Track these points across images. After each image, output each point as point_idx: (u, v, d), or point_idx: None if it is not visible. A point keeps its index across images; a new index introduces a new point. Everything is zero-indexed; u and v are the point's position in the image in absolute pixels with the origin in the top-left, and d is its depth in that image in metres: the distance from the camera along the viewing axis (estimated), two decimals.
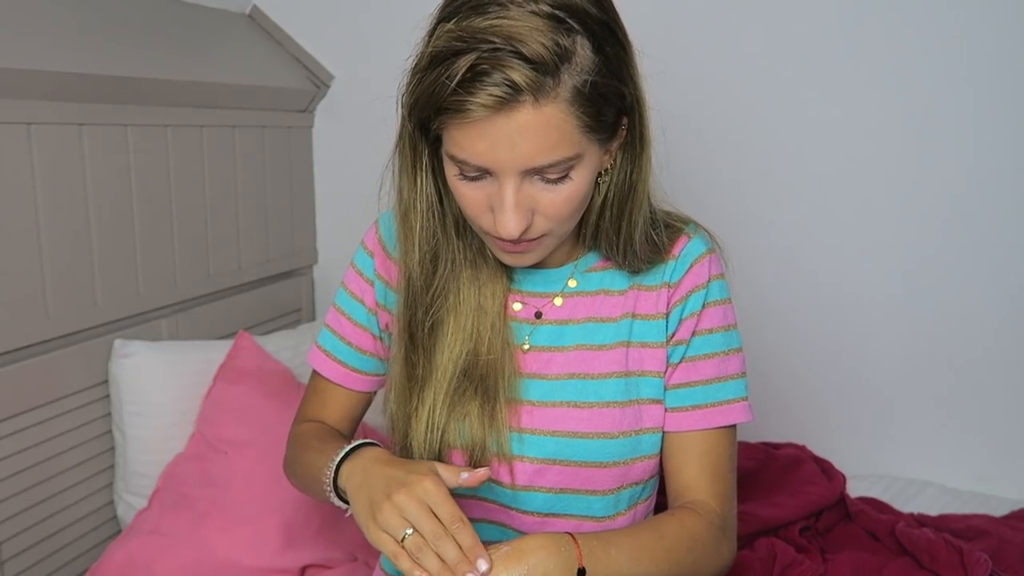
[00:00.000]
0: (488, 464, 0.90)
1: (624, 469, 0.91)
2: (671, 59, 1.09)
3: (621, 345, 0.92)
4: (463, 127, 0.75)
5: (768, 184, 1.71)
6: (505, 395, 0.90)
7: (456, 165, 0.79)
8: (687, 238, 0.93)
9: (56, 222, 1.34)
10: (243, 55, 1.78)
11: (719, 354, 0.92)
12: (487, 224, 0.82)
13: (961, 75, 1.55)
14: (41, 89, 1.27)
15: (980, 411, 1.66)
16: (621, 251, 0.90)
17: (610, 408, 0.90)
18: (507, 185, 0.77)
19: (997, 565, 1.28)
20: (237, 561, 1.33)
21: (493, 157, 0.76)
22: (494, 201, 0.79)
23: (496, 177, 0.78)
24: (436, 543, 0.74)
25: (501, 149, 0.75)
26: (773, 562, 1.31)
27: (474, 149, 0.76)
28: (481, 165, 0.77)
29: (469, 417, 0.90)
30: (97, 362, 1.44)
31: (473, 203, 0.81)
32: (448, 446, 0.91)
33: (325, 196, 2.01)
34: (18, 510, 1.33)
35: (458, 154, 0.78)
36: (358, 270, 1.01)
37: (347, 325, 1.01)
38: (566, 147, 0.76)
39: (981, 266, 1.60)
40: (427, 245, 0.89)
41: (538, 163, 0.76)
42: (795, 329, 1.75)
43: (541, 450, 0.90)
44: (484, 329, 0.91)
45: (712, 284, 0.92)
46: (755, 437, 1.74)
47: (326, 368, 1.02)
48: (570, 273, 0.94)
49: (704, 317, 0.92)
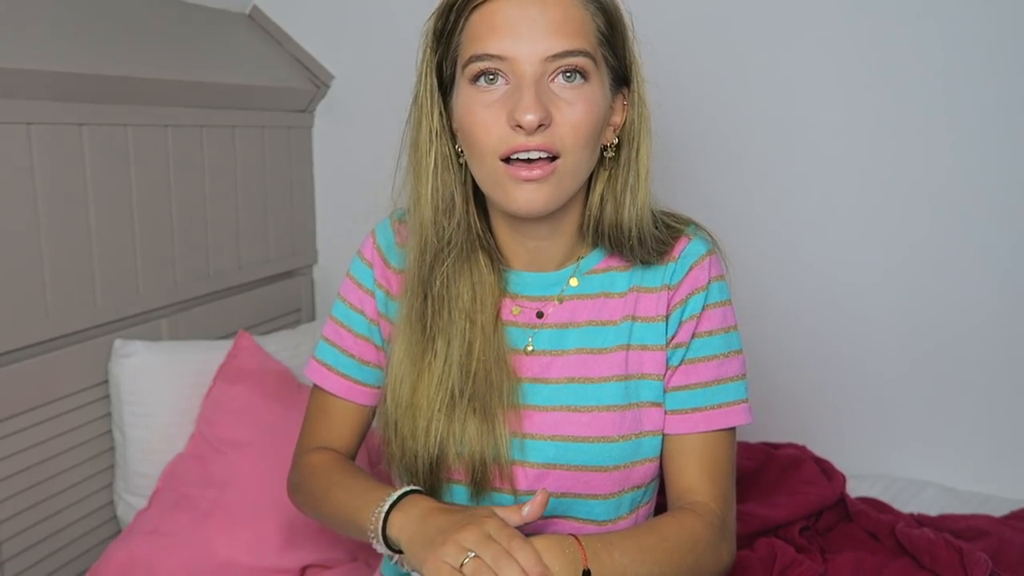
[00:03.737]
0: (488, 470, 0.89)
1: (625, 472, 0.90)
2: (668, 59, 1.09)
3: (621, 348, 0.91)
4: (486, 10, 0.79)
5: (769, 184, 1.71)
6: (505, 400, 0.89)
7: (475, 71, 0.81)
8: (687, 239, 0.93)
9: (56, 222, 1.34)
10: (243, 55, 1.78)
11: (718, 356, 0.92)
12: (502, 137, 0.81)
13: (961, 76, 1.55)
14: (41, 89, 1.27)
15: (980, 411, 1.65)
16: (626, 238, 0.89)
17: (610, 412, 0.90)
18: (527, 72, 0.79)
19: (997, 565, 1.28)
20: (237, 561, 1.32)
21: (515, 40, 0.79)
22: (512, 102, 0.80)
23: (515, 75, 0.80)
24: (498, 565, 0.73)
25: (523, 28, 0.78)
26: (773, 562, 1.31)
27: (496, 34, 0.79)
28: (502, 53, 0.79)
29: (468, 426, 0.89)
30: (97, 362, 1.44)
31: (488, 118, 0.81)
32: (447, 455, 0.90)
33: (325, 196, 2.01)
34: (18, 510, 1.33)
35: (478, 48, 0.80)
36: (356, 281, 0.99)
37: (348, 337, 1.00)
38: (584, 40, 0.80)
39: (981, 266, 1.60)
40: (434, 237, 0.88)
41: (557, 48, 0.79)
42: (795, 329, 1.75)
43: (542, 455, 0.90)
44: (478, 338, 0.90)
45: (712, 286, 0.92)
46: (755, 437, 1.74)
47: (329, 382, 1.00)
48: (571, 274, 0.94)
49: (704, 319, 0.92)
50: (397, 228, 0.98)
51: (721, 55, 1.68)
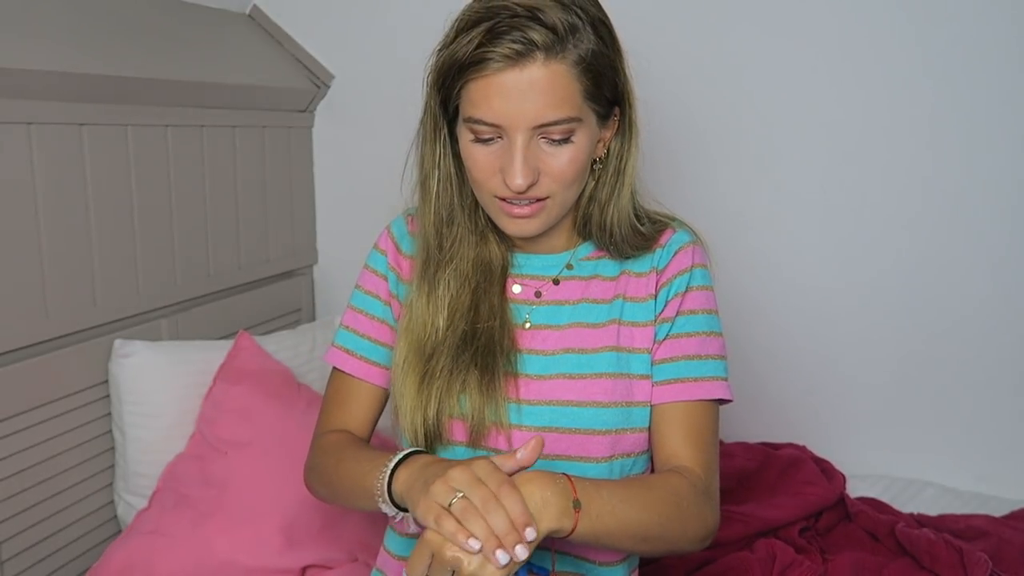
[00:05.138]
0: (487, 432, 0.94)
1: (616, 437, 0.95)
2: (657, 67, 1.10)
3: (613, 323, 0.98)
4: (481, 83, 0.85)
5: (766, 186, 1.71)
6: (504, 368, 0.95)
7: (471, 129, 0.88)
8: (672, 231, 1.02)
9: (56, 222, 1.34)
10: (243, 55, 1.78)
11: (701, 334, 0.99)
12: (496, 186, 0.90)
13: (960, 76, 1.55)
14: (41, 89, 1.27)
15: (980, 411, 1.66)
16: (608, 235, 0.98)
17: (602, 379, 0.96)
18: (517, 139, 0.87)
19: (997, 565, 1.28)
20: (237, 561, 1.33)
21: (506, 112, 0.85)
22: (504, 160, 0.88)
23: (507, 137, 0.87)
24: (486, 508, 0.75)
25: (514, 103, 0.85)
26: (773, 562, 1.31)
27: (490, 105, 0.85)
28: (495, 121, 0.86)
29: (469, 389, 0.94)
30: (97, 362, 1.44)
31: (484, 166, 0.90)
32: (449, 416, 0.95)
33: (325, 196, 2.01)
34: (18, 510, 1.33)
35: (475, 113, 0.87)
36: (372, 269, 1.06)
37: (364, 321, 1.05)
38: (570, 107, 0.86)
39: (980, 266, 1.60)
40: (444, 211, 0.97)
41: (545, 119, 0.86)
42: (795, 329, 1.75)
43: (538, 419, 0.95)
44: (483, 305, 0.98)
45: (695, 270, 1.00)
46: (755, 437, 1.74)
47: (348, 364, 1.04)
48: (567, 260, 1.02)
49: (688, 299, 0.99)
50: (409, 221, 1.05)
51: (714, 53, 1.68)
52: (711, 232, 1.04)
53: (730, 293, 1.02)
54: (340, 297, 1.87)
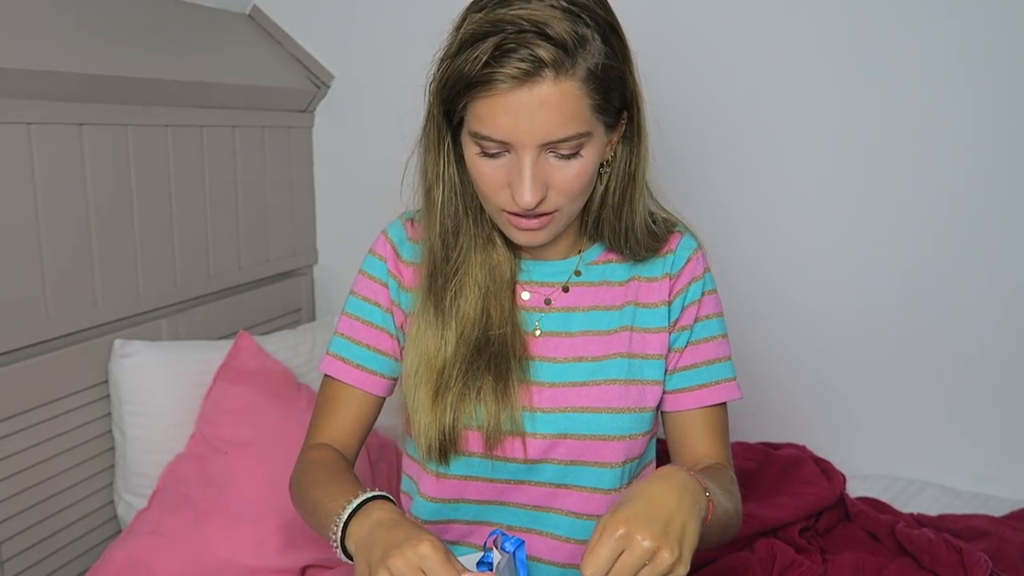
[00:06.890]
0: (502, 440, 0.94)
1: (630, 443, 0.96)
2: (657, 68, 1.10)
3: (624, 329, 0.98)
4: (488, 101, 0.82)
5: (768, 185, 1.71)
6: (517, 376, 0.95)
7: (478, 143, 0.86)
8: (680, 234, 1.02)
9: (56, 222, 1.34)
10: (243, 55, 1.78)
11: (717, 337, 1.01)
12: (504, 200, 0.88)
13: (960, 77, 1.55)
14: (41, 89, 1.27)
15: (979, 411, 1.66)
16: (623, 238, 0.97)
17: (615, 385, 0.96)
18: (526, 157, 0.84)
19: (997, 565, 1.28)
20: (237, 561, 1.32)
21: (515, 130, 0.83)
22: (512, 176, 0.86)
23: (515, 152, 0.85)
24: None
25: (523, 122, 0.82)
26: (773, 562, 1.31)
27: (497, 123, 0.83)
28: (503, 139, 0.84)
29: (484, 396, 0.94)
30: (97, 362, 1.44)
31: (491, 180, 0.88)
32: (465, 427, 0.95)
33: (325, 196, 2.01)
34: (18, 510, 1.33)
35: (481, 130, 0.84)
36: (369, 275, 1.03)
37: (362, 329, 1.02)
38: (579, 123, 0.84)
39: (980, 267, 1.60)
40: (449, 222, 0.95)
41: (555, 136, 0.83)
42: (796, 328, 1.75)
43: (553, 426, 0.95)
44: (494, 311, 0.96)
45: (707, 275, 1.02)
46: (755, 437, 1.74)
47: (344, 373, 1.01)
48: (575, 265, 1.01)
49: (703, 304, 1.01)
50: (408, 226, 1.03)
51: (714, 54, 1.68)
52: (712, 232, 1.05)
53: (731, 294, 1.03)
54: (340, 297, 1.87)
